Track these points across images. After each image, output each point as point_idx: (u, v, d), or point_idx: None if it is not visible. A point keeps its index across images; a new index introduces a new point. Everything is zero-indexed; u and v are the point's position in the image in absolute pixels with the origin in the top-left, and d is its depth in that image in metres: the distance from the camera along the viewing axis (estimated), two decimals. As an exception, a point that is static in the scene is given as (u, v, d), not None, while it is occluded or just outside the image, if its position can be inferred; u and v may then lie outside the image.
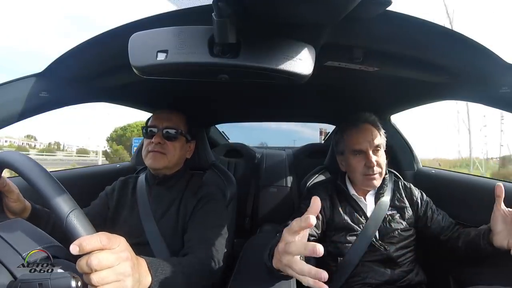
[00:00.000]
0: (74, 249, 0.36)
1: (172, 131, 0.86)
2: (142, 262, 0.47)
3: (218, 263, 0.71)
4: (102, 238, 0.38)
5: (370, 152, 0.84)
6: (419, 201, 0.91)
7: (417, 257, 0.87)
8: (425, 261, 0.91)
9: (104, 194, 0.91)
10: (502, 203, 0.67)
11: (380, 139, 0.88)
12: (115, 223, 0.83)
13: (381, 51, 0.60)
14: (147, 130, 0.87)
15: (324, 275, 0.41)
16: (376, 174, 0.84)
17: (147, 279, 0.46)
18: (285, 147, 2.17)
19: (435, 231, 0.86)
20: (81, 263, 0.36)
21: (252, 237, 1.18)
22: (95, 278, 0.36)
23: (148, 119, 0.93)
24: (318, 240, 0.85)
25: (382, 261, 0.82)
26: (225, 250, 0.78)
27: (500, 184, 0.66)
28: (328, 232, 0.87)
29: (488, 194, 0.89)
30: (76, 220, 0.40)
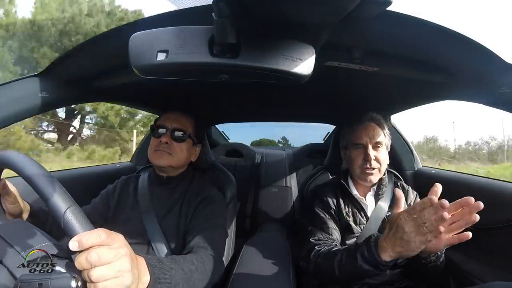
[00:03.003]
0: (73, 245, 0.36)
1: (180, 133, 0.87)
2: (141, 260, 0.47)
3: (219, 263, 0.72)
4: (101, 234, 0.38)
5: (370, 147, 0.86)
6: (411, 204, 0.91)
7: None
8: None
9: (105, 192, 0.91)
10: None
11: (383, 138, 0.89)
12: (116, 223, 0.83)
13: (381, 51, 0.60)
14: (155, 129, 0.88)
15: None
16: (374, 169, 0.86)
17: (146, 277, 0.46)
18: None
19: None
20: (81, 259, 0.36)
21: (252, 237, 1.18)
22: (94, 274, 0.36)
23: (157, 118, 0.94)
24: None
25: None
26: (225, 251, 0.78)
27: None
28: None
29: (488, 194, 0.90)
30: (73, 216, 0.39)
